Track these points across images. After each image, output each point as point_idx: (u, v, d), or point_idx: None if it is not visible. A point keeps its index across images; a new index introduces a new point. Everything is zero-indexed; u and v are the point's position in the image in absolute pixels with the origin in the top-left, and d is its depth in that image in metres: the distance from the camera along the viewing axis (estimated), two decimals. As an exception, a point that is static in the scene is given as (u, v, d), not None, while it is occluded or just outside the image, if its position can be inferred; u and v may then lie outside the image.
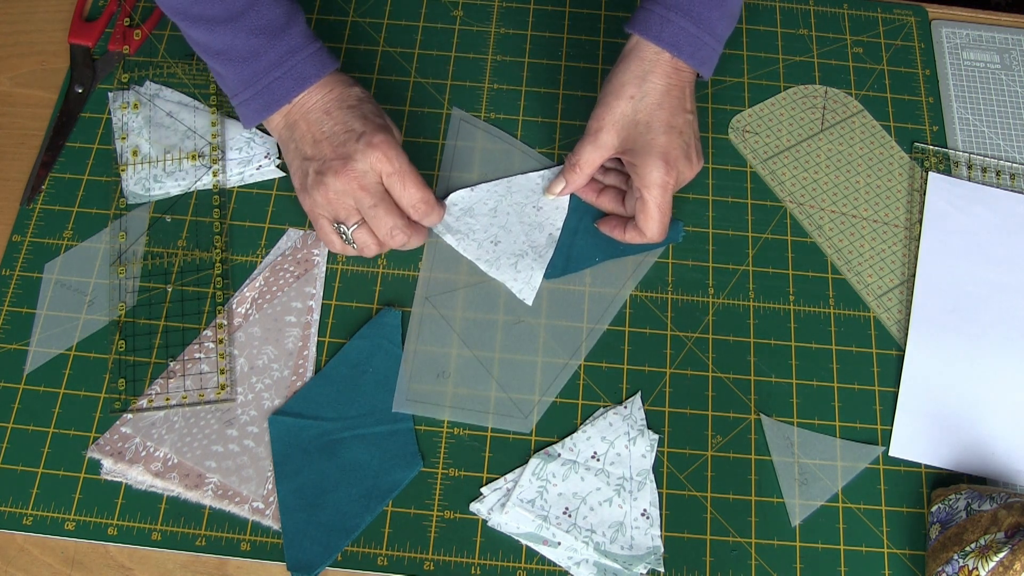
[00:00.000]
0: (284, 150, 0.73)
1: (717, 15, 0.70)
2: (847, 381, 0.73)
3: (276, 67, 0.69)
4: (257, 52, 0.68)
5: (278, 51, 0.69)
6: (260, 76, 0.69)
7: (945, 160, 0.82)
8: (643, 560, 0.66)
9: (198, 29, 0.69)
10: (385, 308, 0.74)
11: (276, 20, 0.68)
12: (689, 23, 0.69)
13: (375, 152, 0.68)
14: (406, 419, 0.70)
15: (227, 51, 0.69)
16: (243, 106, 0.71)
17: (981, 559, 0.61)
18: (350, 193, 0.69)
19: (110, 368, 0.72)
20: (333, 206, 0.70)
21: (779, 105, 0.84)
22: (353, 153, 0.68)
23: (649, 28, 0.70)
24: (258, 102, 0.70)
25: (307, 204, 0.71)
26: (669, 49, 0.70)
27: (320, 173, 0.69)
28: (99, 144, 0.80)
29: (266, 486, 0.68)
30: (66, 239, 0.77)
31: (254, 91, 0.69)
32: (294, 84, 0.69)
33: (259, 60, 0.69)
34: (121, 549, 0.67)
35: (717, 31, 0.71)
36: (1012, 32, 0.89)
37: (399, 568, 0.67)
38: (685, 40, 0.70)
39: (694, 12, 0.70)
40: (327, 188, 0.69)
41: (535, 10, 0.88)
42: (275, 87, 0.69)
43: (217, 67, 0.71)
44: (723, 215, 0.79)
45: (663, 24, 0.70)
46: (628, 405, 0.72)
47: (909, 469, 0.71)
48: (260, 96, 0.69)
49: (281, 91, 0.69)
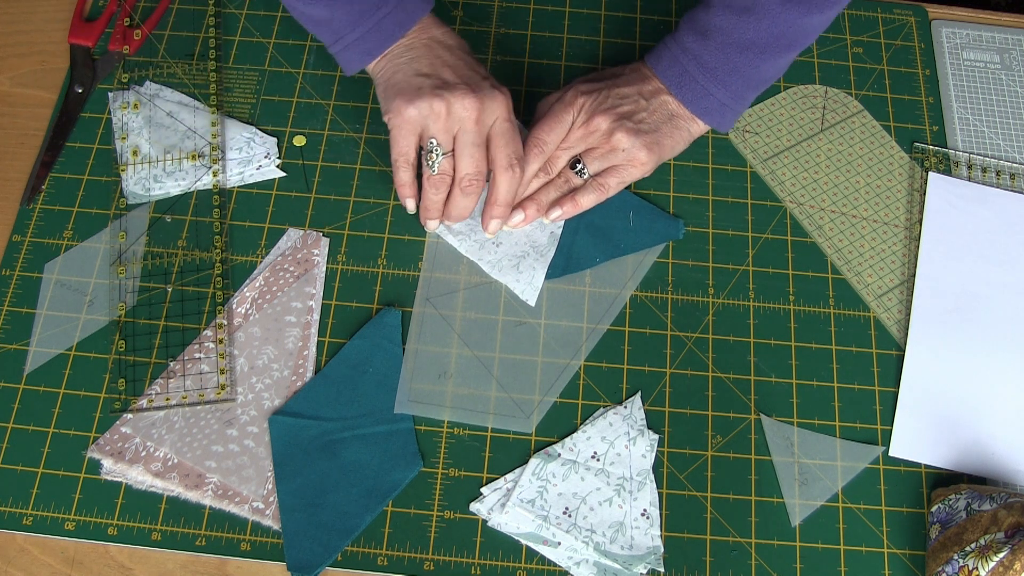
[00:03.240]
0: (389, 73, 0.72)
1: (752, 95, 0.75)
2: (847, 381, 0.73)
3: (384, 3, 0.70)
4: None
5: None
6: (368, 14, 0.70)
7: (945, 160, 0.82)
8: (643, 560, 0.66)
9: None
10: (385, 308, 0.74)
11: None
12: (727, 96, 0.73)
13: (503, 98, 0.70)
14: (406, 419, 0.70)
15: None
16: (352, 47, 0.71)
17: (981, 559, 0.61)
18: (464, 120, 0.69)
19: (110, 368, 0.72)
20: (439, 122, 0.69)
21: (779, 105, 0.84)
22: (483, 89, 0.69)
23: (682, 89, 0.74)
24: (370, 40, 0.71)
25: (405, 113, 0.69)
26: (702, 118, 0.75)
27: (441, 88, 0.69)
28: (99, 144, 0.80)
29: (266, 486, 0.68)
30: (66, 239, 0.77)
31: (365, 29, 0.70)
32: (406, 16, 0.70)
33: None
34: (121, 549, 0.67)
35: (747, 100, 0.75)
36: (1012, 32, 0.89)
37: (399, 568, 0.67)
38: (717, 110, 0.74)
39: (731, 85, 0.73)
40: (446, 104, 0.68)
41: (535, 10, 0.88)
42: (386, 23, 0.70)
43: (321, 12, 0.71)
44: (723, 215, 0.79)
45: (700, 96, 0.74)
46: (628, 405, 0.72)
47: (909, 469, 0.71)
48: (371, 34, 0.70)
49: (392, 25, 0.70)
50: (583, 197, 0.75)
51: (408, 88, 0.70)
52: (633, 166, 0.74)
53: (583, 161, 0.75)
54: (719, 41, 0.71)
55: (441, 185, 0.71)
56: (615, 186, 0.75)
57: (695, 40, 0.72)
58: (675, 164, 0.81)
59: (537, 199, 0.75)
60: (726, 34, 0.71)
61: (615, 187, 0.75)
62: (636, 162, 0.74)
